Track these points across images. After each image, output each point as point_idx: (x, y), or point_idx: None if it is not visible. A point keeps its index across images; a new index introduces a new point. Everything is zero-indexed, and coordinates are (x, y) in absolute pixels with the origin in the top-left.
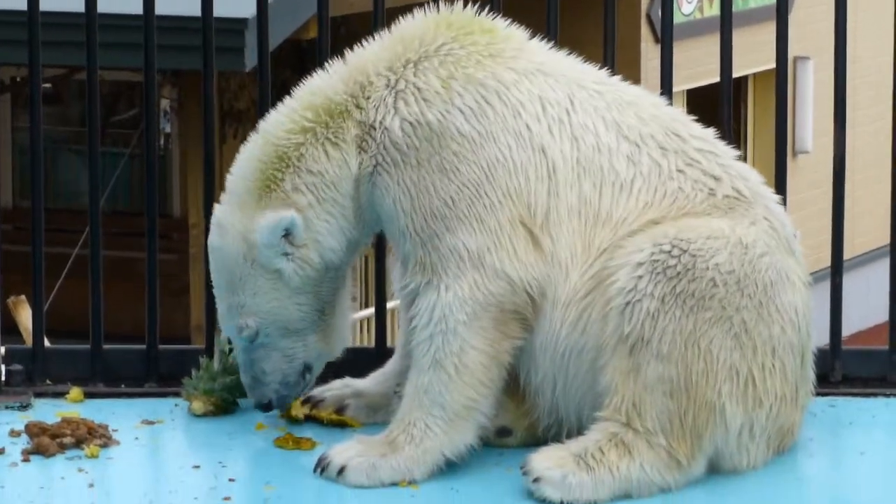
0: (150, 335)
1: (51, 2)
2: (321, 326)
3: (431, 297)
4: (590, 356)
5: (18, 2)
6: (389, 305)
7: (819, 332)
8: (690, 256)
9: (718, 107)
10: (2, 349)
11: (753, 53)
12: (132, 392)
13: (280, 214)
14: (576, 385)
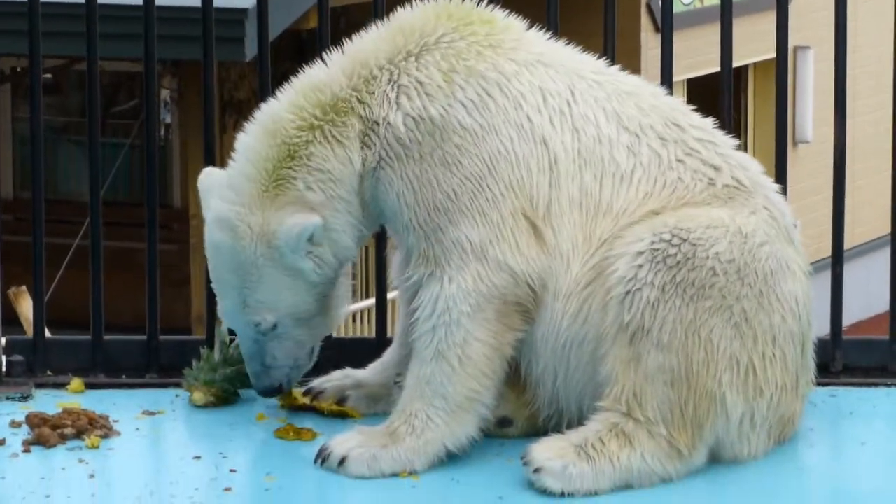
0: (151, 326)
1: None
2: (325, 307)
3: (434, 289)
4: (590, 346)
5: None
6: (390, 296)
7: (820, 322)
8: (690, 245)
9: (719, 96)
10: (3, 340)
11: (754, 43)
12: (133, 383)
13: (306, 219)
14: (577, 376)
